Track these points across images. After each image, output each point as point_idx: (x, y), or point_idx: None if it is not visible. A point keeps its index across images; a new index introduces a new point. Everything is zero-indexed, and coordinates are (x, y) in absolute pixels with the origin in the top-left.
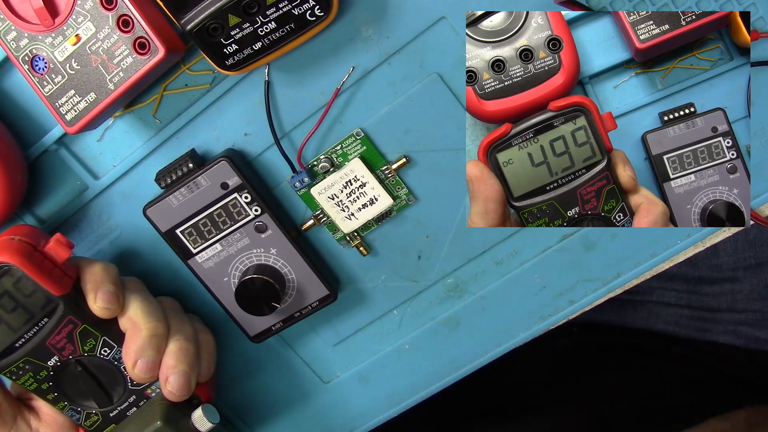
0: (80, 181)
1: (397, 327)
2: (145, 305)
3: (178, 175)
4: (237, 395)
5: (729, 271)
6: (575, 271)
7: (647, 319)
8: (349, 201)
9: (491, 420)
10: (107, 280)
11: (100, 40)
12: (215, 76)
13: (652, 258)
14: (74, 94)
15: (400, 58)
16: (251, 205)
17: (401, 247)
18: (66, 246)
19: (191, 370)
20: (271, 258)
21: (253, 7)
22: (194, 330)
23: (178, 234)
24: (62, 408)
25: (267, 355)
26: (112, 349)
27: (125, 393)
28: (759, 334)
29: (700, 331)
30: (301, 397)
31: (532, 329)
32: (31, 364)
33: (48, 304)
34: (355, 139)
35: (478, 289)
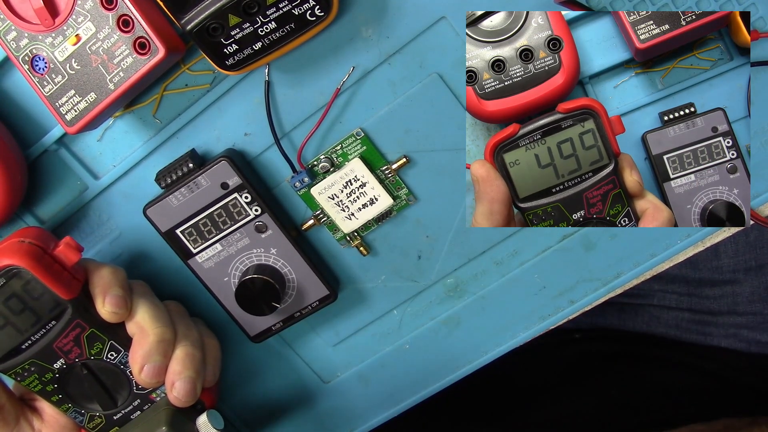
0: (80, 181)
1: (397, 327)
2: (152, 310)
3: (178, 175)
4: (237, 395)
5: (730, 273)
6: (575, 271)
7: (648, 323)
8: (349, 201)
9: (492, 425)
10: (115, 284)
11: (100, 40)
12: (215, 76)
13: (652, 258)
14: (74, 94)
15: (400, 58)
16: (251, 205)
17: (401, 247)
18: (76, 249)
19: (197, 376)
20: (271, 258)
21: (253, 7)
22: (200, 335)
23: (178, 234)
24: (66, 410)
25: (267, 355)
26: (118, 354)
27: (130, 397)
28: (760, 337)
29: (701, 334)
30: (301, 397)
31: (532, 329)
32: (37, 366)
33: (56, 307)
34: (355, 139)
35: (478, 289)
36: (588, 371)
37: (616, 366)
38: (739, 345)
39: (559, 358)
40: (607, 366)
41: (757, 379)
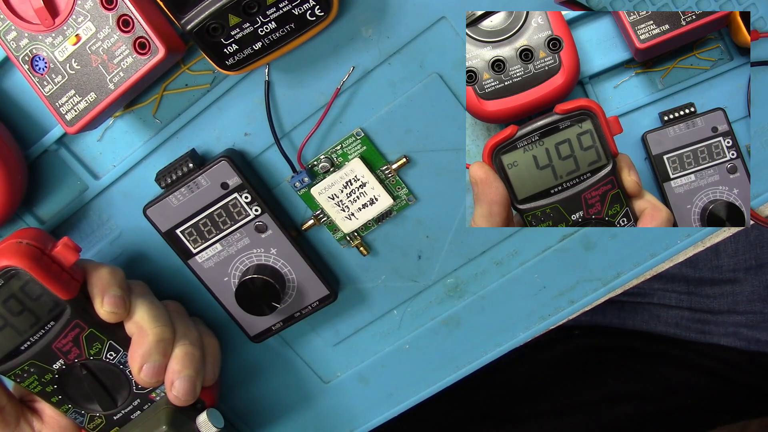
0: (80, 181)
1: (397, 327)
2: (151, 310)
3: (178, 175)
4: (236, 395)
5: (730, 272)
6: (575, 271)
7: (648, 322)
8: (349, 201)
9: (492, 422)
10: (114, 284)
11: (101, 40)
12: (215, 76)
13: (652, 258)
14: (74, 94)
15: (400, 58)
16: (251, 205)
17: (401, 247)
18: (74, 250)
19: (197, 374)
20: (271, 258)
21: (253, 7)
22: (199, 334)
23: (179, 234)
24: (66, 411)
25: (267, 355)
26: (117, 353)
27: (130, 396)
28: (760, 335)
29: (700, 333)
30: (301, 397)
31: (532, 329)
32: (37, 367)
33: (55, 307)
34: (355, 139)
35: (478, 289)
36: (586, 365)
37: (614, 359)
38: (739, 343)
39: (558, 354)
40: (605, 358)
41: (757, 378)
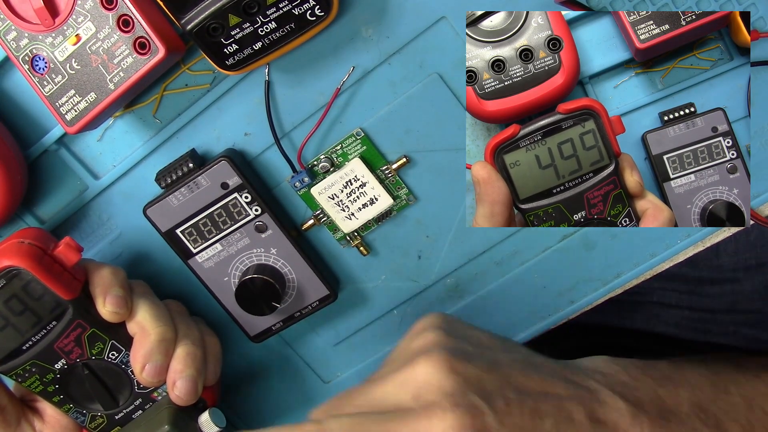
0: (80, 181)
1: (397, 327)
2: (153, 309)
3: (178, 175)
4: (237, 395)
5: (730, 271)
6: (575, 271)
7: (647, 321)
8: (349, 201)
9: None
10: (116, 284)
11: (101, 40)
12: (215, 76)
13: (652, 258)
14: (74, 94)
15: (400, 58)
16: (251, 205)
17: (401, 247)
18: (76, 250)
19: (198, 374)
20: (271, 258)
21: (253, 7)
22: (201, 333)
23: (179, 234)
24: (67, 410)
25: (267, 355)
26: (119, 353)
27: (131, 396)
28: (760, 335)
29: (700, 332)
30: (302, 397)
31: (532, 329)
32: (38, 367)
33: (57, 307)
34: (355, 139)
35: (478, 289)
36: None
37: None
38: (739, 343)
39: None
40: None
41: None
